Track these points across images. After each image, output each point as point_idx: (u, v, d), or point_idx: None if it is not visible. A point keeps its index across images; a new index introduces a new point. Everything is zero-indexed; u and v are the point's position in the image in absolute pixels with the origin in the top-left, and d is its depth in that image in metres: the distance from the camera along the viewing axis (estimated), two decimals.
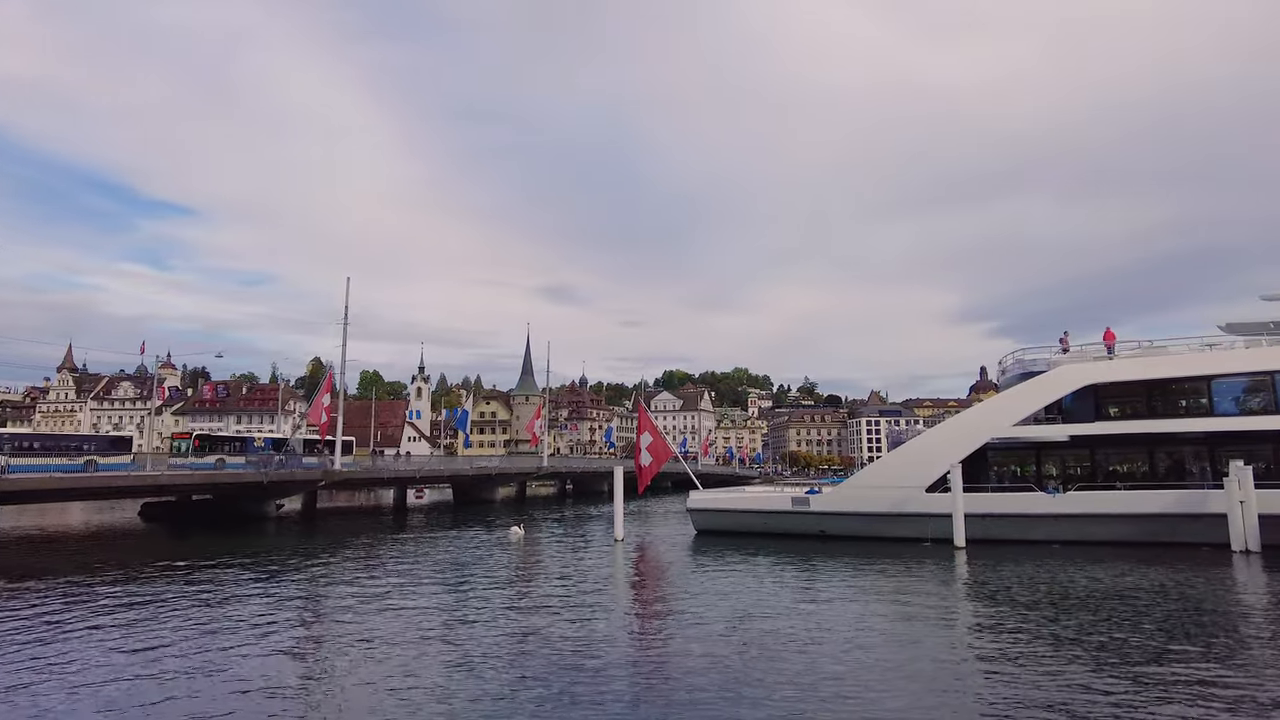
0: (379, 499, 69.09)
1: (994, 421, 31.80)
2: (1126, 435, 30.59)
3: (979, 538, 28.36)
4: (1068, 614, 16.76)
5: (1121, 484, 30.15)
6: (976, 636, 15.12)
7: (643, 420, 35.31)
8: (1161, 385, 30.65)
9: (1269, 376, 29.45)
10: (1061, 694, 10.76)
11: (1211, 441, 29.28)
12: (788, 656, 13.09)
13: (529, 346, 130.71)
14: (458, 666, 12.47)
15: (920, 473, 30.98)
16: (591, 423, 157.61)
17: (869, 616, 16.97)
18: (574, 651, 13.37)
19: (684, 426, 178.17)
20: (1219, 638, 14.44)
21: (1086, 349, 33.10)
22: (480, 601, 18.67)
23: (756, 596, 19.38)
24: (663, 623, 16.67)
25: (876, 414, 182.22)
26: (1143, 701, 10.38)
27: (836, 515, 32.27)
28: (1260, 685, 11.11)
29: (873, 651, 13.50)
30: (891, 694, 10.98)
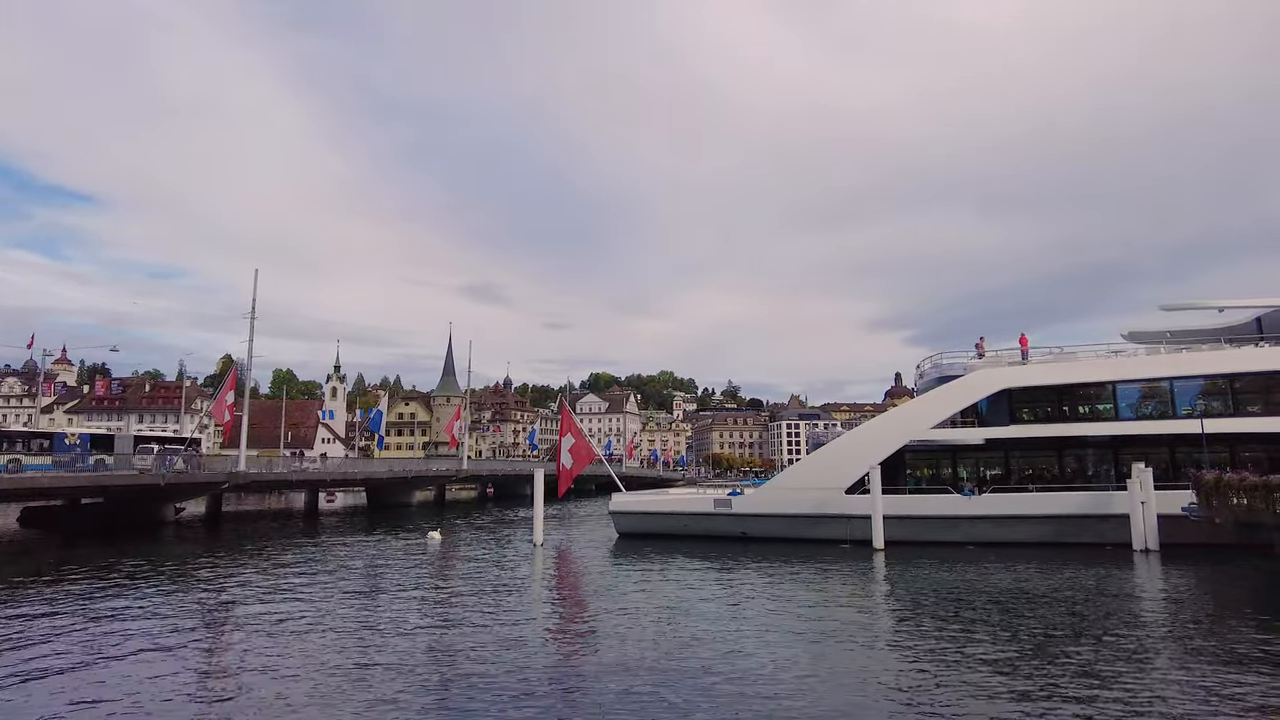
0: (289, 502, 66.26)
1: (912, 425, 32.28)
2: (1038, 438, 31.49)
3: (897, 539, 28.68)
4: (981, 613, 16.88)
5: (1033, 486, 30.97)
6: (894, 637, 15.04)
7: (565, 422, 34.56)
8: (1070, 390, 31.74)
9: (1166, 383, 30.83)
10: (974, 692, 10.65)
11: (1115, 445, 30.36)
12: (707, 659, 12.79)
13: (451, 347, 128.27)
14: (365, 678, 11.59)
15: (840, 475, 31.20)
16: (515, 425, 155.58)
17: (789, 618, 16.77)
18: (488, 659, 12.65)
19: (609, 429, 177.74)
20: (1121, 634, 14.68)
21: (1002, 354, 33.98)
22: (392, 609, 17.71)
23: (677, 599, 18.99)
24: (580, 628, 16.16)
25: (796, 417, 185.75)
26: (1050, 696, 10.34)
27: (758, 517, 32.25)
28: (1158, 679, 11.22)
29: (792, 652, 13.34)
30: (811, 695, 10.76)
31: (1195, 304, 34.14)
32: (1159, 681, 11.38)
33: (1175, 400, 30.63)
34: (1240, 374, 30.22)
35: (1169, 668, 12.25)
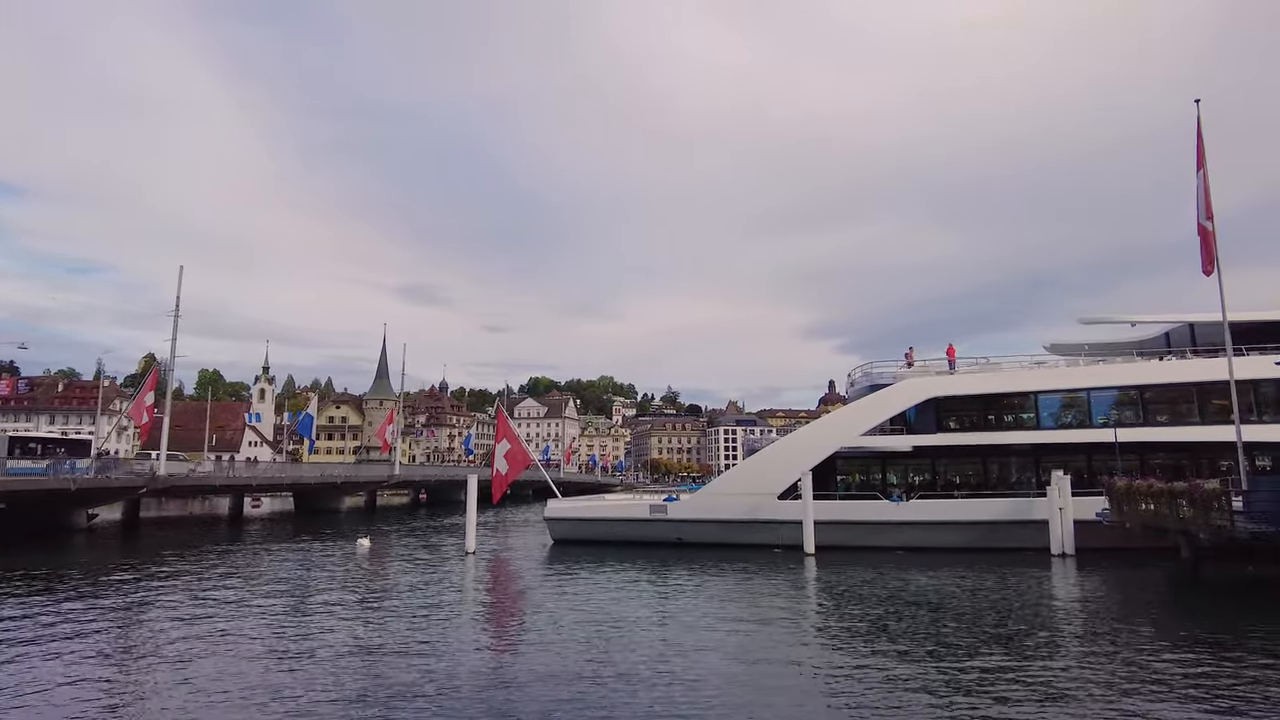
0: (213, 508, 63.88)
1: (843, 431, 32.92)
2: (963, 446, 32.43)
3: (828, 544, 29.13)
4: (908, 617, 17.23)
5: (959, 492, 31.94)
6: (823, 641, 15.25)
7: (502, 427, 34.21)
8: (994, 400, 32.88)
9: (1084, 393, 32.14)
10: (901, 694, 10.82)
11: (1036, 453, 31.49)
12: (637, 665, 12.75)
13: (385, 348, 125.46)
14: (286, 691, 11.16)
15: (773, 480, 31.60)
16: (450, 429, 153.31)
17: (720, 623, 16.87)
18: (414, 669, 12.35)
19: (548, 434, 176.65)
20: (1039, 635, 15.17)
21: (930, 364, 34.90)
22: (317, 619, 17.18)
23: (609, 606, 18.89)
24: (509, 636, 15.98)
25: (733, 423, 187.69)
26: (972, 695, 10.59)
27: (693, 522, 32.42)
28: (1074, 678, 11.60)
29: (722, 657, 13.39)
30: (741, 700, 10.78)
31: (1111, 318, 35.64)
32: (1071, 679, 11.75)
33: (1092, 410, 31.93)
34: (1149, 385, 31.66)
35: (1081, 665, 12.67)
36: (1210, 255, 23.68)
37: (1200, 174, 24.00)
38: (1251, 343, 28.28)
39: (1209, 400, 29.96)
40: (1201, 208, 23.86)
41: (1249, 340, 28.19)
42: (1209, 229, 23.62)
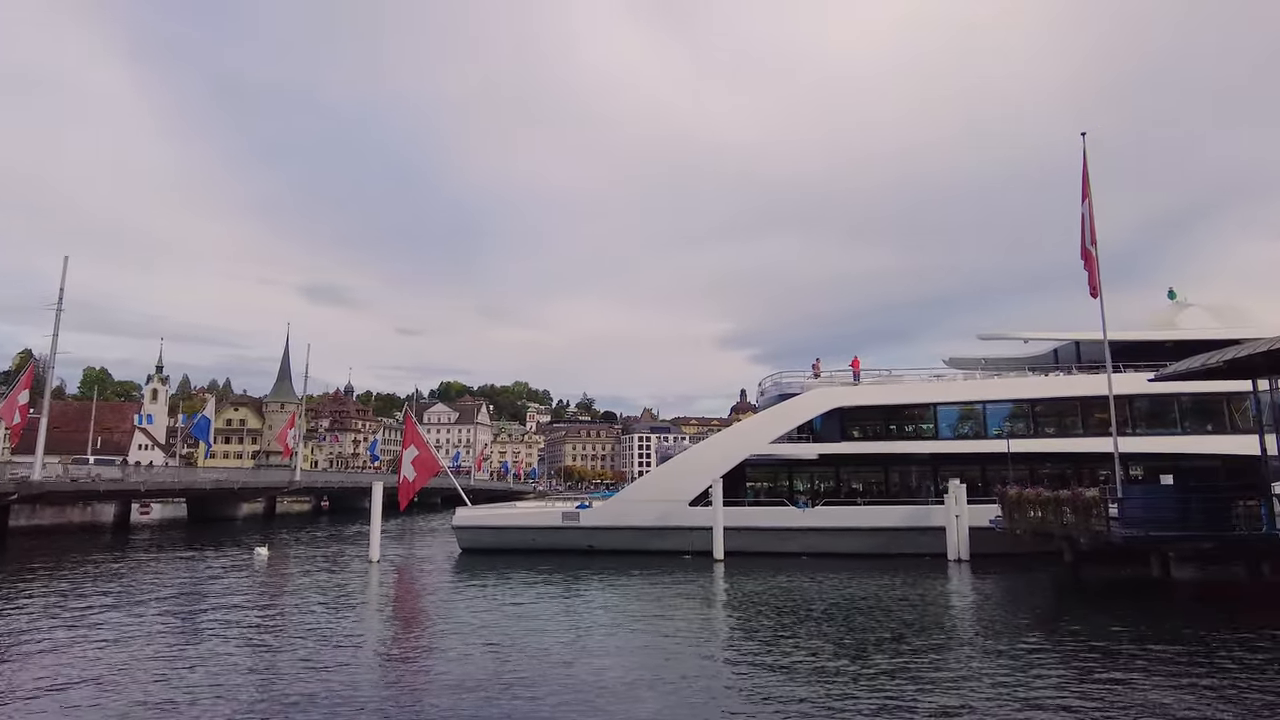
0: (96, 515, 60.06)
1: (752, 439, 33.55)
2: (866, 455, 33.59)
3: (737, 550, 29.57)
4: (812, 621, 17.64)
5: (862, 499, 32.98)
6: (730, 646, 15.40)
7: (410, 432, 33.33)
8: (896, 410, 34.18)
9: (980, 406, 33.70)
10: (805, 695, 11.03)
11: (935, 462, 32.79)
12: (543, 673, 12.60)
13: (288, 349, 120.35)
14: (175, 707, 10.52)
15: (684, 487, 31.91)
16: (356, 434, 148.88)
17: (627, 629, 16.90)
18: (311, 682, 11.83)
19: (459, 440, 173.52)
20: (934, 637, 15.74)
21: (836, 375, 35.91)
22: (209, 631, 16.32)
23: (517, 614, 18.65)
24: (413, 647, 15.52)
25: (648, 430, 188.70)
26: (873, 696, 10.90)
27: (605, 530, 32.38)
28: (966, 676, 12.10)
29: (629, 663, 13.36)
30: (648, 705, 10.79)
31: (1006, 334, 37.46)
32: (964, 677, 12.23)
33: (987, 422, 33.51)
34: (1039, 399, 33.47)
35: (973, 664, 13.21)
36: (1094, 279, 25.20)
37: (1085, 203, 25.54)
38: (1129, 360, 30.22)
39: (1091, 413, 31.84)
40: (1087, 234, 25.38)
41: (1127, 358, 30.12)
42: (1093, 254, 25.15)
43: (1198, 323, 33.49)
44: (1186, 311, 35.07)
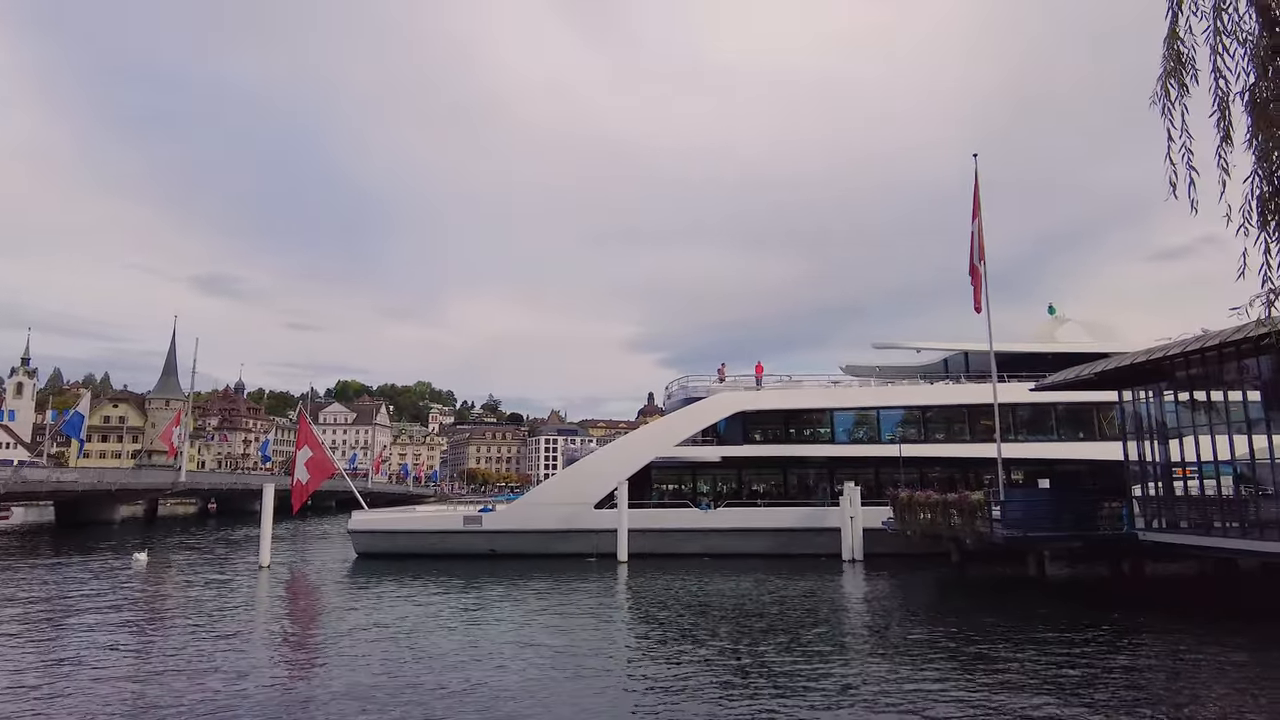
0: None
1: (659, 442, 33.90)
2: (767, 458, 34.45)
3: (641, 552, 29.79)
4: (711, 622, 17.93)
5: (762, 501, 33.80)
6: (630, 648, 15.50)
7: (303, 433, 32.11)
8: (796, 415, 35.22)
9: (874, 412, 35.10)
10: (704, 693, 11.21)
11: (832, 465, 33.92)
12: (441, 679, 12.33)
13: (174, 343, 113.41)
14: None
15: (590, 490, 31.94)
16: (247, 434, 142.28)
17: (528, 633, 16.72)
18: (197, 691, 11.23)
19: (357, 441, 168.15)
20: (831, 635, 16.35)
21: (740, 380, 36.68)
22: (81, 640, 15.35)
23: (414, 619, 18.22)
24: (303, 655, 14.96)
25: (555, 433, 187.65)
26: (768, 693, 11.19)
27: (508, 533, 32.04)
28: (858, 672, 12.58)
29: (530, 666, 13.24)
30: (548, 709, 10.70)
31: (900, 344, 39.05)
32: (856, 673, 12.71)
33: (881, 427, 34.92)
34: (930, 406, 35.14)
35: (865, 660, 13.74)
36: (979, 295, 26.61)
37: (975, 221, 26.95)
38: (1012, 371, 32.04)
39: (978, 420, 33.59)
40: (975, 251, 26.78)
41: (1010, 368, 31.92)
42: (980, 271, 26.55)
43: (1074, 337, 35.88)
44: (1065, 326, 37.49)
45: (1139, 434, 24.07)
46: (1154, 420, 23.44)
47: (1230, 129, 4.90)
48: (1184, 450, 21.59)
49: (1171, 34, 5.06)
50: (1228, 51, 4.85)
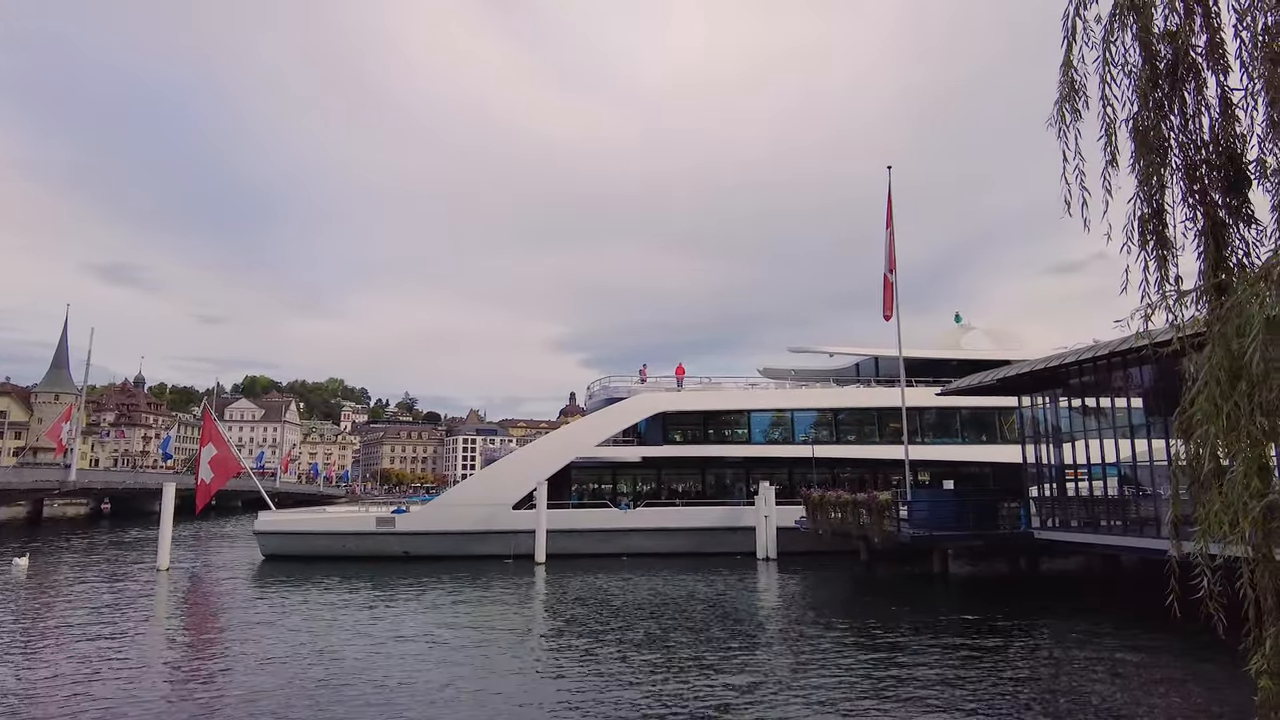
0: None
1: (579, 442, 33.87)
2: (686, 458, 34.90)
3: (560, 552, 29.67)
4: (627, 621, 18.02)
5: (681, 501, 34.17)
6: (545, 649, 15.46)
7: (208, 430, 30.79)
8: (715, 416, 35.75)
9: (789, 414, 35.96)
10: (623, 695, 11.27)
11: (748, 465, 34.58)
12: (350, 685, 12.01)
13: (66, 333, 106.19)
14: None
15: (508, 490, 31.65)
16: (146, 430, 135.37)
17: (442, 636, 16.45)
18: (87, 701, 10.61)
19: (265, 439, 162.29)
20: (743, 631, 16.65)
21: (661, 381, 37.03)
22: None
23: (323, 623, 17.72)
24: (207, 658, 14.37)
25: (474, 432, 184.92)
26: (684, 691, 11.33)
27: (423, 535, 31.43)
28: (771, 668, 12.89)
29: (443, 669, 13.05)
30: (455, 713, 10.61)
31: (814, 348, 40.12)
32: (768, 669, 13.00)
33: (795, 428, 35.81)
34: (841, 409, 36.22)
35: (776, 656, 14.08)
36: (891, 301, 27.57)
37: (888, 231, 27.90)
38: (920, 376, 33.32)
39: (887, 423, 34.80)
40: (887, 260, 27.73)
41: (919, 374, 33.19)
42: (891, 280, 27.51)
43: (978, 345, 37.60)
44: (969, 334, 39.22)
45: (1036, 438, 25.36)
46: (1049, 425, 24.74)
47: (1116, 153, 5.22)
48: (1076, 453, 22.86)
49: (1066, 62, 5.35)
50: (1115, 81, 5.18)
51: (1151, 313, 4.81)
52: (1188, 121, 5.00)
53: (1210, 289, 4.79)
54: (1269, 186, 4.62)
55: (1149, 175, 5.00)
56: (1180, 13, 4.92)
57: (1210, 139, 4.97)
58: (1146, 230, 5.04)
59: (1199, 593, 4.11)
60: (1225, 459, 3.92)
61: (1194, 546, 4.08)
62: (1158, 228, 5.04)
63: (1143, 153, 5.03)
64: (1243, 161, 4.86)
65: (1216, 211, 4.92)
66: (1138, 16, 4.96)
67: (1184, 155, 5.01)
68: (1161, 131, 5.00)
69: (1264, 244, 4.73)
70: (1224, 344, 3.88)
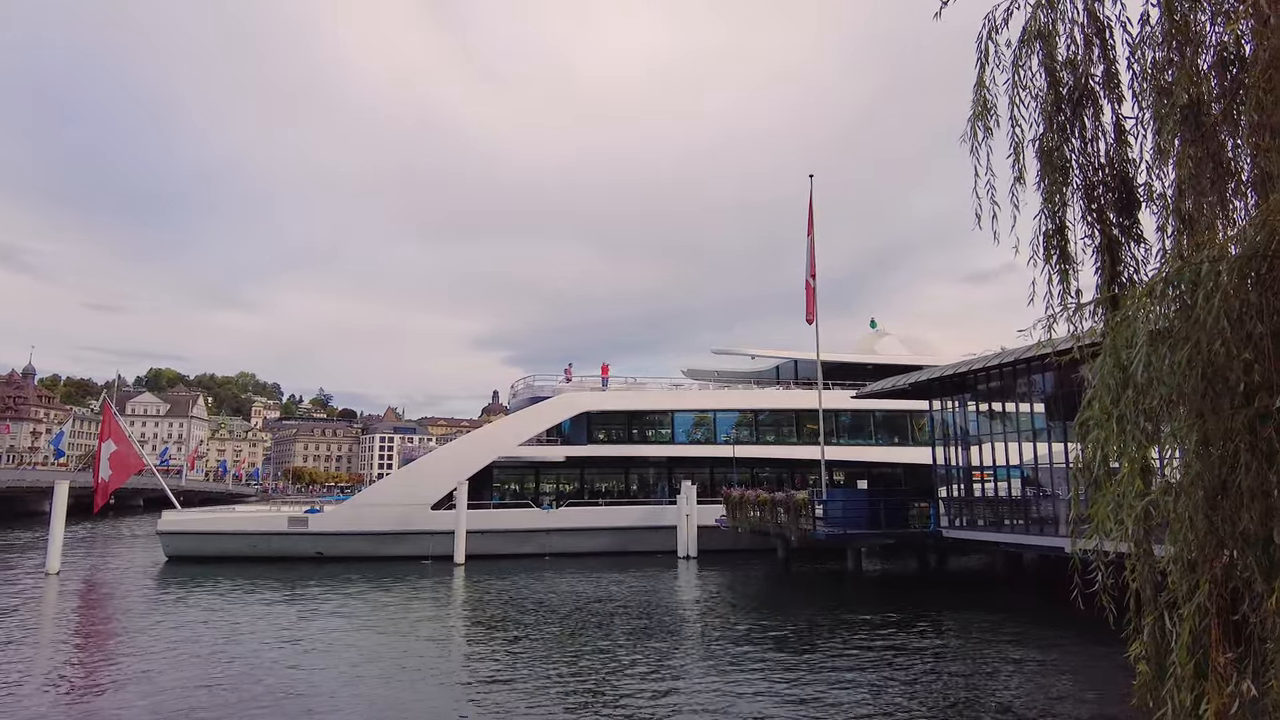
0: None
1: (501, 442, 33.57)
2: (610, 457, 35.04)
3: (480, 553, 29.33)
4: (545, 621, 17.98)
5: (604, 500, 34.27)
6: (463, 652, 15.31)
7: (107, 425, 29.26)
8: (639, 416, 35.96)
9: (711, 414, 36.48)
10: (537, 698, 11.24)
11: (671, 465, 34.94)
12: (259, 693, 11.57)
13: None
14: None
15: (427, 490, 31.12)
16: (36, 424, 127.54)
17: (356, 640, 16.10)
18: None
19: (170, 434, 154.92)
20: (662, 629, 16.80)
21: (586, 380, 37.01)
22: None
23: (229, 627, 17.04)
24: (102, 666, 13.62)
25: (391, 430, 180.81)
26: (603, 690, 11.40)
27: (337, 535, 30.61)
28: (688, 665, 13.07)
29: (355, 674, 12.75)
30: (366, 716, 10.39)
31: (737, 350, 40.82)
32: (685, 666, 13.17)
33: (717, 429, 36.34)
34: (762, 410, 37.02)
35: (694, 653, 14.27)
36: (811, 307, 28.27)
37: (809, 238, 28.60)
38: (837, 379, 34.29)
39: (804, 424, 35.70)
40: (808, 267, 28.42)
41: (836, 377, 34.14)
42: (811, 285, 28.21)
43: (892, 350, 38.90)
44: (884, 339, 40.54)
45: (945, 440, 26.41)
46: (958, 428, 25.80)
47: (1024, 171, 5.53)
48: (982, 456, 23.91)
49: (979, 82, 5.63)
50: (1023, 103, 5.49)
51: (1054, 323, 5.13)
52: (1087, 145, 5.35)
53: (1105, 302, 5.14)
54: (1155, 209, 4.99)
55: (1053, 194, 5.33)
56: (1081, 43, 5.25)
57: (1106, 162, 5.33)
58: (1051, 245, 5.37)
59: (1094, 586, 4.42)
60: (1115, 461, 4.21)
61: (1088, 543, 4.37)
62: (1060, 243, 5.37)
63: (1047, 172, 5.34)
64: (1134, 184, 5.24)
65: (1111, 230, 5.28)
66: (1044, 44, 5.27)
67: (1084, 176, 5.35)
68: (1064, 153, 5.33)
69: (1151, 262, 5.10)
70: (1115, 354, 4.16)
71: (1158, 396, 3.91)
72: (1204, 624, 3.69)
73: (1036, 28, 5.27)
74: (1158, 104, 4.63)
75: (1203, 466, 3.76)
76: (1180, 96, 4.30)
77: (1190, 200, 4.33)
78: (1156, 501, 4.01)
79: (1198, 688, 3.70)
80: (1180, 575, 3.80)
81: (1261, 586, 3.48)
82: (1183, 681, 3.73)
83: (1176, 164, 4.46)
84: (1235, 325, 3.58)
